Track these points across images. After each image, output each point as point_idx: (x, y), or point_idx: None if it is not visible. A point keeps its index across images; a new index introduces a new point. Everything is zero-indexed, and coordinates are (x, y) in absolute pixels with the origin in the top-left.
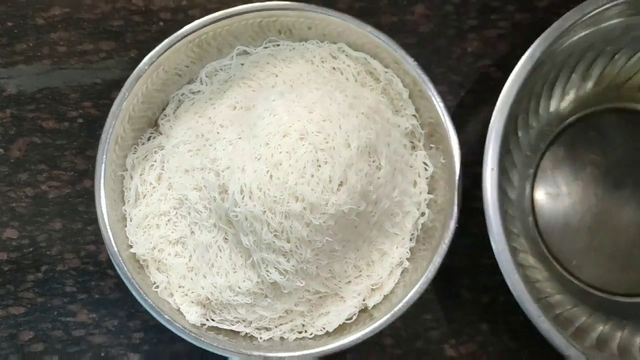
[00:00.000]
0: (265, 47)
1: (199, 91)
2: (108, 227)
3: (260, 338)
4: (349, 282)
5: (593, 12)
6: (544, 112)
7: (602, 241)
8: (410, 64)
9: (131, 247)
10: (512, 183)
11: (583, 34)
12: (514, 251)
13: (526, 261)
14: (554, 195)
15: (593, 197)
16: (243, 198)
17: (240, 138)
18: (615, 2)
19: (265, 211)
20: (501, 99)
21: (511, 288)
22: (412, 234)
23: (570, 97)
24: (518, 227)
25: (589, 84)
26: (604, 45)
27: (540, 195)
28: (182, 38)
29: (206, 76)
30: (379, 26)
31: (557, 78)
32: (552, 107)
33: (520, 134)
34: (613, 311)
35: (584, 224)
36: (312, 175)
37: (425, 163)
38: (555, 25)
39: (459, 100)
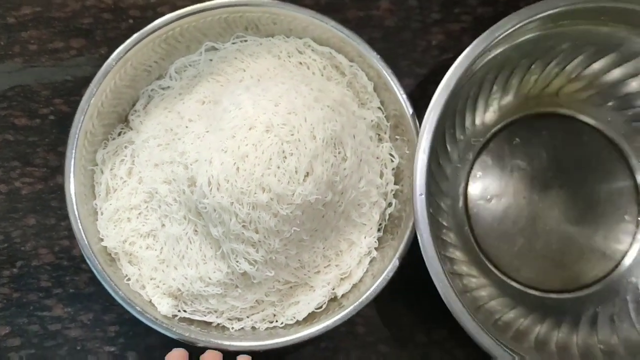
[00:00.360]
0: (233, 43)
1: (168, 87)
2: (79, 222)
3: (232, 328)
4: (318, 271)
5: (505, 33)
6: (470, 125)
7: (535, 242)
8: (374, 58)
9: (102, 240)
10: (445, 194)
11: (499, 51)
12: (450, 262)
13: (463, 270)
14: (487, 202)
15: (523, 200)
16: (211, 190)
17: (208, 131)
18: (526, 21)
19: (232, 202)
20: (424, 125)
21: (444, 299)
22: (380, 224)
23: (494, 108)
24: (453, 238)
25: (510, 95)
26: (520, 59)
27: (474, 204)
28: (149, 34)
29: (175, 72)
30: (345, 21)
31: (479, 93)
32: (478, 120)
33: (449, 148)
34: (550, 309)
35: (517, 227)
36: (278, 167)
37: (391, 155)
38: (467, 51)
39: (424, 92)
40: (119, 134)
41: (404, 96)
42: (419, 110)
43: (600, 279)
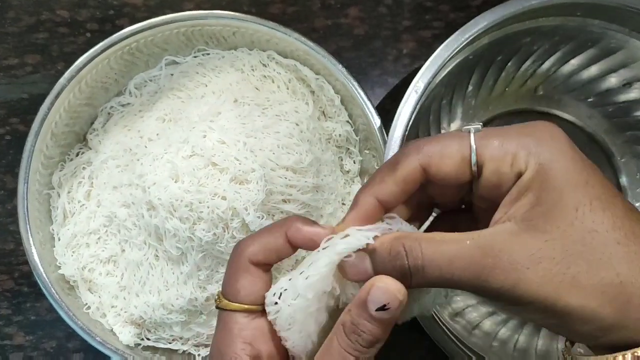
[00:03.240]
0: (195, 57)
1: (128, 103)
2: (33, 249)
3: (199, 355)
4: None
5: (475, 34)
6: (446, 126)
7: None
8: (339, 70)
9: (59, 268)
10: None
11: (472, 50)
12: None
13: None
14: None
15: None
16: (170, 214)
17: (166, 153)
18: (498, 20)
19: (194, 224)
20: (392, 133)
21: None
22: None
23: (471, 107)
24: None
25: (486, 94)
26: (495, 57)
27: None
28: (105, 49)
29: (135, 88)
30: (313, 30)
31: (454, 94)
32: (454, 120)
33: None
34: None
35: None
36: (237, 192)
37: None
38: (436, 54)
39: (396, 102)
40: (77, 155)
41: (371, 109)
42: (391, 121)
43: None
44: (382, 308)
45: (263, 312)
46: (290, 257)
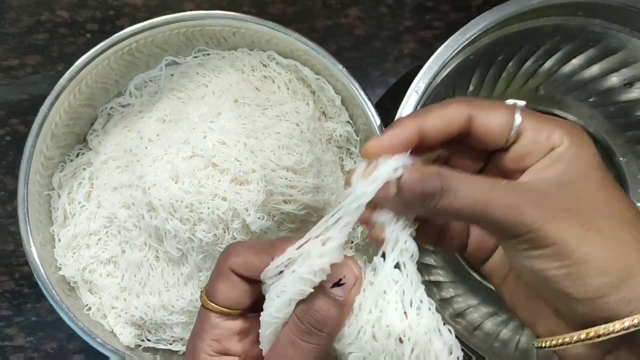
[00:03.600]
0: (195, 57)
1: (128, 104)
2: (34, 251)
3: None
4: None
5: (476, 34)
6: None
7: None
8: (339, 71)
9: (60, 269)
10: None
11: (473, 50)
12: (436, 287)
13: (450, 293)
14: None
15: None
16: (171, 215)
17: (166, 153)
18: (499, 20)
19: (194, 225)
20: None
21: None
22: (352, 242)
23: None
24: (434, 260)
25: (487, 93)
26: (496, 57)
27: None
28: (105, 50)
29: (135, 88)
30: (313, 30)
31: (455, 94)
32: None
33: None
34: None
35: None
36: (237, 193)
37: None
38: (437, 54)
39: (397, 102)
40: (77, 155)
41: (372, 109)
42: (391, 121)
43: None
44: (338, 284)
45: (238, 316)
46: None
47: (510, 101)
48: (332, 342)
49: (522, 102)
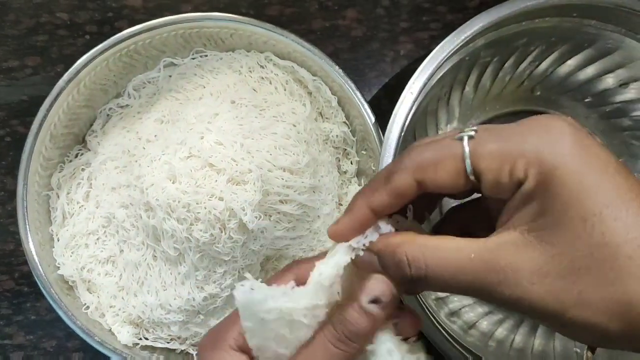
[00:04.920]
0: (193, 58)
1: (126, 105)
2: (33, 250)
3: (196, 355)
4: None
5: (471, 35)
6: (444, 127)
7: None
8: (336, 72)
9: (59, 268)
10: None
11: (469, 52)
12: None
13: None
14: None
15: None
16: (168, 215)
17: (164, 154)
18: (495, 21)
19: (191, 224)
20: (389, 129)
21: None
22: None
23: (468, 108)
24: None
25: (483, 94)
26: (491, 58)
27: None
28: (104, 51)
29: (134, 89)
30: (310, 32)
31: (451, 94)
32: (452, 120)
33: None
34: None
35: None
36: (234, 193)
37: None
38: (432, 55)
39: (393, 103)
40: (76, 156)
41: (368, 110)
42: (387, 122)
43: None
44: (374, 301)
45: None
46: None
47: (459, 135)
48: (360, 353)
49: (471, 133)
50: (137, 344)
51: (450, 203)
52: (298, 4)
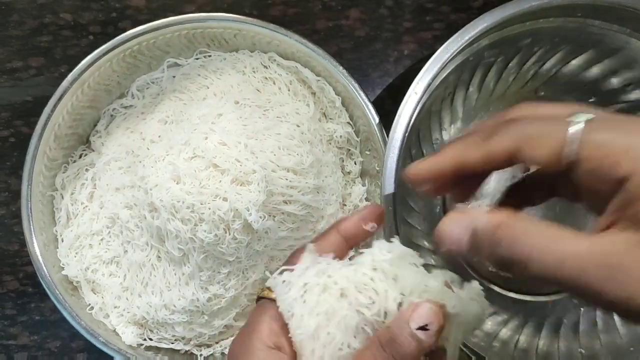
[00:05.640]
0: (196, 59)
1: (130, 105)
2: (37, 251)
3: (201, 355)
4: None
5: (475, 35)
6: (448, 126)
7: None
8: (340, 72)
9: (63, 268)
10: (419, 197)
11: (472, 52)
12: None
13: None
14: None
15: None
16: (172, 215)
17: (168, 155)
18: (498, 21)
19: (195, 225)
20: (393, 129)
21: None
22: None
23: (472, 108)
24: (429, 244)
25: (487, 95)
26: (495, 58)
27: (451, 206)
28: (107, 52)
29: (137, 90)
30: (314, 32)
31: (455, 94)
32: (456, 120)
33: (425, 150)
34: (529, 312)
35: None
36: (238, 193)
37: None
38: (436, 55)
39: (397, 104)
40: (80, 157)
41: (372, 110)
42: (392, 122)
43: None
44: (422, 328)
45: None
46: None
47: (573, 118)
48: None
49: (588, 116)
50: (142, 344)
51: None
52: (301, 4)
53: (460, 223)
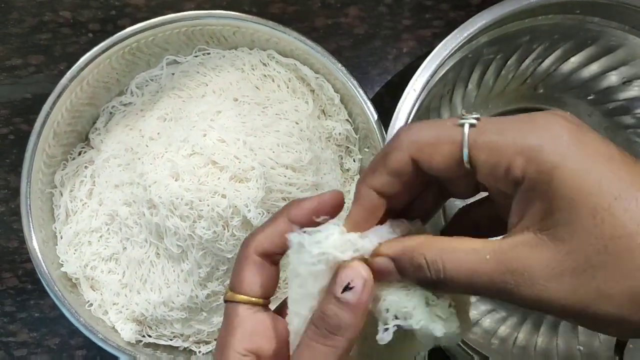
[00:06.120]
0: (195, 56)
1: (129, 103)
2: (36, 248)
3: (199, 352)
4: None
5: (473, 32)
6: None
7: None
8: (339, 69)
9: (62, 265)
10: None
11: (471, 49)
12: None
13: None
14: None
15: None
16: (171, 212)
17: (167, 152)
18: (497, 18)
19: (194, 222)
20: (391, 127)
21: None
22: None
23: (471, 105)
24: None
25: (486, 92)
26: (494, 55)
27: (452, 204)
28: (106, 49)
29: (136, 87)
30: (313, 29)
31: (454, 92)
32: (459, 113)
33: None
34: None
35: None
36: (237, 190)
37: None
38: (435, 52)
39: (396, 101)
40: (79, 154)
41: (371, 107)
42: (390, 120)
43: None
44: (347, 288)
45: (266, 307)
46: None
47: (461, 122)
48: (352, 343)
49: (472, 121)
50: (140, 341)
51: (454, 206)
52: (301, 1)
53: (384, 260)
